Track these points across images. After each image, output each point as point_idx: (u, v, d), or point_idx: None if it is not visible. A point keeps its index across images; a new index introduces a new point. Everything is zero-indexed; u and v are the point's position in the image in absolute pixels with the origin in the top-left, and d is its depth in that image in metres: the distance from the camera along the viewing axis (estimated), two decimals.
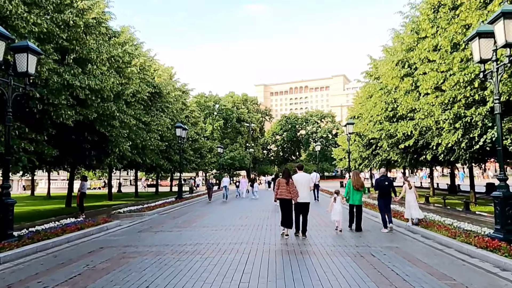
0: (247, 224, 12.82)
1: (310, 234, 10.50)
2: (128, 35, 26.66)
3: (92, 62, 15.61)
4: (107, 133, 16.19)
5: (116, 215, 16.44)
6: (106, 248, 8.98)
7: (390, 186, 11.43)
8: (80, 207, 17.34)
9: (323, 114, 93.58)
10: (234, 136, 77.25)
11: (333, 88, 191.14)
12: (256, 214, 16.16)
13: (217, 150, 44.77)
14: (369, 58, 30.64)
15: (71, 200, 21.43)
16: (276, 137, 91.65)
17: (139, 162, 22.16)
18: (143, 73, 25.21)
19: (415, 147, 19.31)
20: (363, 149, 27.41)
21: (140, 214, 16.55)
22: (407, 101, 18.75)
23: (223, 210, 18.70)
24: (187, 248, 8.64)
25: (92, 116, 14.97)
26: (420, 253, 8.07)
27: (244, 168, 72.25)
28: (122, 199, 29.19)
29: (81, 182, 17.54)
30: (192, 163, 33.46)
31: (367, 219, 13.27)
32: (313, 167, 77.02)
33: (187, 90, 38.50)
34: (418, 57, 19.10)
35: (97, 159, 16.53)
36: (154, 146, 22.23)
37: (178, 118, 30.41)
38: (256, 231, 11.32)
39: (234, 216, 15.37)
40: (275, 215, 15.41)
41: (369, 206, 16.51)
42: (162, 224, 13.53)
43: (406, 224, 11.55)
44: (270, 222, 13.34)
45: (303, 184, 10.30)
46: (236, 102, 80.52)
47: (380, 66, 24.66)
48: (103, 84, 15.17)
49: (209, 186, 25.81)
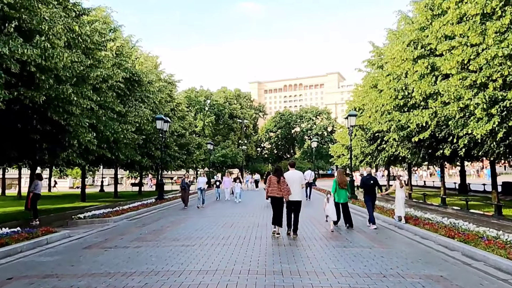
0: (230, 236, 9.99)
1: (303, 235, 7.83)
2: (103, 15, 23.72)
3: (42, 34, 12.65)
4: (62, 121, 13.24)
5: (75, 221, 13.60)
6: (15, 280, 6.09)
7: (375, 184, 11.92)
8: (33, 211, 14.40)
9: (319, 111, 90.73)
10: (226, 132, 74.26)
11: (327, 85, 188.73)
12: (242, 221, 13.34)
13: (206, 146, 41.85)
14: (371, 45, 27.94)
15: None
16: (270, 134, 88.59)
17: (111, 158, 19.18)
18: (120, 58, 22.31)
19: (430, 140, 16.60)
20: (366, 144, 24.57)
21: (104, 220, 13.67)
22: (421, 86, 16.04)
23: (204, 215, 15.69)
24: (131, 283, 5.77)
25: (40, 99, 12.03)
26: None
27: (237, 166, 69.30)
28: (99, 200, 26.20)
29: (34, 181, 14.61)
30: (177, 160, 30.43)
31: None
32: (308, 165, 74.45)
33: (174, 81, 35.49)
34: (434, 36, 16.44)
35: (50, 153, 13.58)
36: (128, 140, 19.26)
37: (162, 110, 27.44)
38: (241, 246, 8.50)
39: (215, 224, 12.51)
40: (266, 221, 12.62)
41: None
42: (122, 235, 10.65)
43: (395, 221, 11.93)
44: (261, 232, 10.52)
45: (295, 181, 10.12)
46: (228, 98, 77.56)
47: (386, 51, 21.84)
48: (53, 60, 12.24)
49: (184, 186, 19.20)
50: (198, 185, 20.04)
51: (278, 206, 9.92)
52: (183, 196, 19.44)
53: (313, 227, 11.45)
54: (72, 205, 21.70)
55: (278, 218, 9.92)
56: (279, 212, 9.92)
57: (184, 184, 19.34)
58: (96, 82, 16.68)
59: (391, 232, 10.84)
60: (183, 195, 19.43)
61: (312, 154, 53.23)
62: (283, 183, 9.79)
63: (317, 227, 11.58)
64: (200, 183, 19.95)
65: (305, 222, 12.32)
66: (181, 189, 19.62)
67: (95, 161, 19.98)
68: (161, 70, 34.86)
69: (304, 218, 12.38)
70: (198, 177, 20.87)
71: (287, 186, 9.75)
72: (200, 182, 20.05)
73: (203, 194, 19.45)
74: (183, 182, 19.43)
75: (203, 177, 20.70)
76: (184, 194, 19.35)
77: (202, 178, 20.52)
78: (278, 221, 9.94)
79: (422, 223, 10.73)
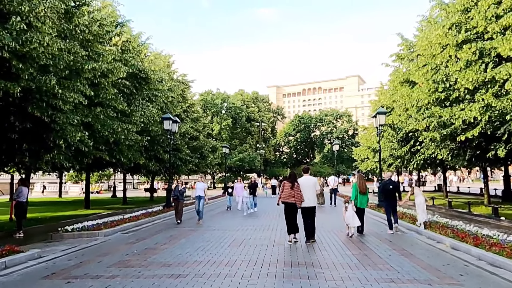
0: (237, 260, 7.75)
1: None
2: (110, 9, 22.11)
3: (21, 16, 10.81)
4: (46, 118, 11.35)
5: (60, 234, 11.67)
6: None
7: (395, 189, 11.68)
8: (17, 222, 12.53)
9: (339, 114, 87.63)
10: (243, 136, 72.12)
11: (347, 89, 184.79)
12: (255, 236, 11.10)
13: (222, 150, 39.80)
14: (400, 38, 25.37)
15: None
16: (289, 138, 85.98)
17: (111, 161, 17.25)
18: (126, 54, 20.55)
19: (479, 139, 14.03)
20: (397, 145, 21.88)
21: (93, 234, 11.67)
22: (466, 76, 13.55)
23: (210, 228, 13.31)
24: None
25: (16, 90, 10.16)
26: None
27: (254, 170, 67.14)
28: (105, 207, 24.42)
29: (18, 187, 12.73)
30: (189, 164, 28.38)
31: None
32: (329, 170, 71.64)
33: (186, 81, 33.64)
34: (482, 16, 13.97)
35: (32, 155, 11.67)
36: (131, 141, 17.32)
37: (173, 110, 25.52)
38: (249, 279, 6.26)
39: (221, 241, 10.28)
40: (283, 236, 10.38)
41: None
42: (105, 255, 8.55)
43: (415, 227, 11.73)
44: (277, 254, 8.26)
45: (309, 187, 9.86)
46: (246, 101, 75.46)
47: (420, 41, 19.22)
48: (32, 44, 10.38)
49: (176, 195, 14.85)
50: (195, 193, 15.44)
51: (291, 212, 9.60)
52: (177, 208, 15.05)
53: (345, 251, 9.13)
54: (72, 213, 19.90)
55: (292, 226, 9.66)
56: (293, 219, 9.62)
57: (177, 193, 14.81)
58: (92, 76, 14.88)
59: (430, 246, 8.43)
60: (177, 206, 15.05)
61: (334, 158, 50.49)
62: (297, 188, 9.50)
63: (350, 248, 9.26)
64: (198, 190, 15.31)
65: (330, 236, 10.01)
66: (173, 199, 15.32)
67: (93, 164, 18.07)
68: (174, 69, 33.12)
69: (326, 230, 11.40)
70: (196, 183, 16.01)
71: (300, 192, 9.48)
72: (198, 188, 15.36)
73: (201, 205, 14.97)
74: (175, 190, 15.04)
75: (201, 182, 15.79)
76: (178, 205, 14.97)
77: (200, 184, 15.63)
78: (293, 229, 9.67)
79: (487, 244, 8.26)
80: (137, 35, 25.12)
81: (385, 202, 11.93)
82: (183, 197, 15.20)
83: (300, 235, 9.90)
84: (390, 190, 11.60)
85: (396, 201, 11.73)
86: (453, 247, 9.07)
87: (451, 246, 9.18)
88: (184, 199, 15.51)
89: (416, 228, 11.59)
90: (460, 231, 10.10)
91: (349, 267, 7.05)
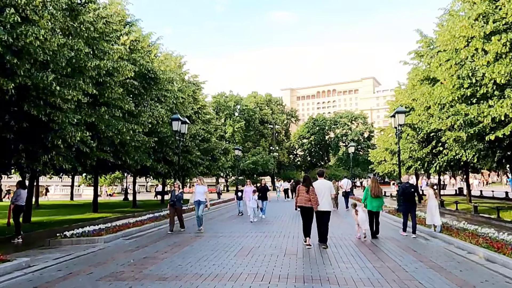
0: (243, 273, 6.86)
1: None
2: (118, 7, 21.65)
3: (16, 8, 10.22)
4: (43, 117, 10.71)
5: (59, 240, 11.01)
6: None
7: (415, 192, 11.55)
8: (15, 227, 11.97)
9: (354, 115, 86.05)
10: (257, 139, 71.22)
11: (362, 91, 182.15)
12: (265, 243, 10.21)
13: (233, 152, 39.00)
14: (419, 34, 24.20)
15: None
16: (303, 141, 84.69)
17: (116, 163, 16.58)
18: (135, 54, 20.03)
19: (511, 138, 12.87)
20: (417, 147, 20.66)
21: (92, 240, 10.95)
22: (495, 70, 12.45)
23: (216, 234, 12.39)
24: None
25: (9, 86, 9.54)
26: None
27: (268, 173, 66.17)
28: (113, 210, 23.85)
29: (16, 190, 12.15)
30: (199, 167, 27.61)
31: None
32: (344, 173, 70.14)
33: (198, 82, 32.99)
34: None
35: (29, 156, 11.03)
36: (138, 142, 16.64)
37: (183, 111, 24.83)
38: None
39: (227, 249, 9.40)
40: (297, 243, 9.48)
41: None
42: (98, 265, 7.78)
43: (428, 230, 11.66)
44: (287, 266, 7.36)
45: (324, 191, 9.78)
46: (259, 103, 74.61)
47: (442, 35, 18.04)
48: (27, 38, 9.77)
49: (173, 201, 12.98)
50: (194, 197, 13.27)
51: (308, 216, 9.69)
52: (173, 216, 13.03)
53: (365, 262, 8.17)
54: (79, 217, 19.33)
55: (307, 228, 9.71)
56: (309, 222, 9.69)
57: (174, 198, 12.92)
58: (97, 75, 14.29)
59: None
60: (173, 213, 13.04)
61: (350, 160, 49.20)
62: (312, 192, 9.51)
63: (371, 259, 8.29)
64: (198, 194, 13.10)
65: (347, 244, 9.05)
66: (169, 205, 13.16)
67: (98, 166, 17.42)
68: (185, 70, 32.52)
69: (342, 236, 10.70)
70: (195, 186, 13.87)
71: (316, 196, 9.50)
72: (198, 192, 13.13)
73: (200, 210, 12.92)
74: (172, 195, 13.27)
75: (201, 185, 13.47)
76: (173, 213, 13.01)
77: (200, 187, 13.28)
78: (307, 232, 9.71)
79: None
80: (147, 35, 24.63)
81: (404, 205, 11.67)
82: (180, 203, 13.37)
83: (313, 241, 9.71)
84: (410, 193, 11.42)
85: (416, 204, 11.58)
86: (488, 259, 8.03)
87: (485, 258, 8.13)
88: (182, 204, 13.71)
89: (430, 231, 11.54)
90: (493, 240, 9.06)
91: (371, 284, 6.11)
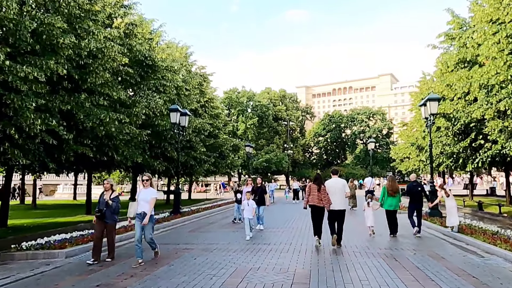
0: None
1: None
2: None
3: None
4: None
5: (11, 254, 8.81)
6: None
7: (422, 191, 11.62)
8: None
9: (372, 112, 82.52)
10: (270, 136, 68.65)
11: (379, 88, 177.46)
12: (264, 265, 7.80)
13: (245, 149, 36.64)
14: (450, 14, 21.32)
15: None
16: (319, 138, 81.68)
17: (101, 160, 14.34)
18: (130, 39, 17.92)
19: None
20: (452, 141, 17.73)
21: (51, 254, 8.74)
22: None
23: (208, 247, 9.98)
24: None
25: None
26: None
27: (282, 172, 63.62)
28: None
29: None
30: (204, 164, 25.26)
31: None
32: (362, 171, 67.12)
33: (205, 73, 30.70)
34: None
35: None
36: (127, 135, 14.40)
37: (186, 104, 22.49)
38: None
39: (215, 272, 7.05)
40: (307, 268, 7.04)
41: None
42: None
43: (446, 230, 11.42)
44: None
45: (337, 190, 9.50)
46: (273, 99, 72.01)
47: (480, 10, 15.26)
48: None
49: (100, 211, 8.24)
50: (136, 208, 8.23)
51: (319, 216, 9.50)
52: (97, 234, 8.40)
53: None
54: (66, 220, 17.29)
55: (318, 229, 9.53)
56: (319, 222, 9.52)
57: (102, 206, 8.23)
58: (76, 55, 12.23)
59: None
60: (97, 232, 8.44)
61: (368, 157, 46.28)
62: (324, 191, 9.34)
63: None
64: (141, 203, 8.17)
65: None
66: (95, 218, 8.40)
67: (78, 162, 15.20)
68: (192, 62, 30.24)
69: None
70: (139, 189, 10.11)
71: (327, 195, 9.29)
72: (141, 200, 8.19)
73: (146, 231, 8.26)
74: (101, 200, 8.44)
75: (148, 187, 8.36)
76: (98, 230, 8.36)
77: (145, 192, 8.32)
78: (318, 232, 9.53)
79: None
80: (148, 21, 22.54)
81: (411, 204, 11.57)
82: (114, 217, 8.49)
83: (324, 242, 9.49)
84: (417, 192, 11.50)
85: (422, 204, 11.57)
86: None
87: None
88: (115, 218, 8.61)
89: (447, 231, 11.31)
90: None
91: None
